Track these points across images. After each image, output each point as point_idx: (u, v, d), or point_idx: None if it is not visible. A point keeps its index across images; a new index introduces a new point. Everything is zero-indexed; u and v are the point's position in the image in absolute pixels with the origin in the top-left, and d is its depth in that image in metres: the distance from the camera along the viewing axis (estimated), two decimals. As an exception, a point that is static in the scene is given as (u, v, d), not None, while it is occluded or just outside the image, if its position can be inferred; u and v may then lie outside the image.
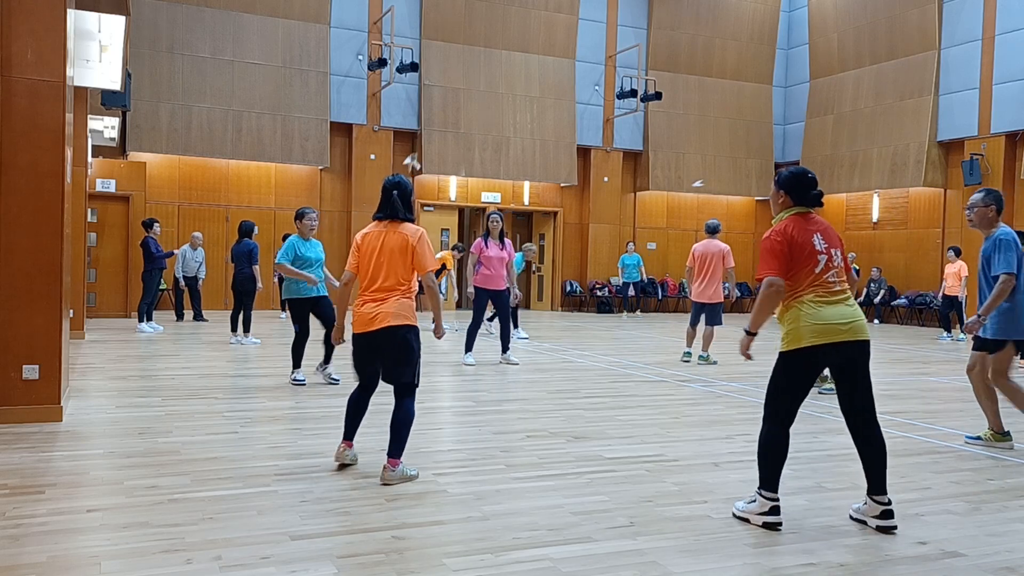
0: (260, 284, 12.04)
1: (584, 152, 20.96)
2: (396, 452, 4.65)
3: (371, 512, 4.09)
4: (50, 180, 5.99)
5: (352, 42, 18.63)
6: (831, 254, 4.07)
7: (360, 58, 18.68)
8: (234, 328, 11.89)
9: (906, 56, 19.35)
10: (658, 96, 20.27)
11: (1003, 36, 17.61)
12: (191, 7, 17.10)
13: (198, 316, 14.98)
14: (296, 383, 8.00)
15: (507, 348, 10.10)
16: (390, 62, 18.09)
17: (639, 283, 19.90)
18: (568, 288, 21.10)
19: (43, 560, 3.38)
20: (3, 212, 5.87)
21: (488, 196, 20.29)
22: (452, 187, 20.00)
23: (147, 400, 7.03)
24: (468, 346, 10.02)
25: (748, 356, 4.20)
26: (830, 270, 4.04)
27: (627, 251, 19.88)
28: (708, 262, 10.58)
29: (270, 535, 3.71)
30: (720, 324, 10.68)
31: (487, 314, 12.73)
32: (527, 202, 20.79)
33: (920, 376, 10.02)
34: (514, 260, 10.40)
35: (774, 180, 4.23)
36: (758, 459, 4.09)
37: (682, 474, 4.99)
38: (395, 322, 4.67)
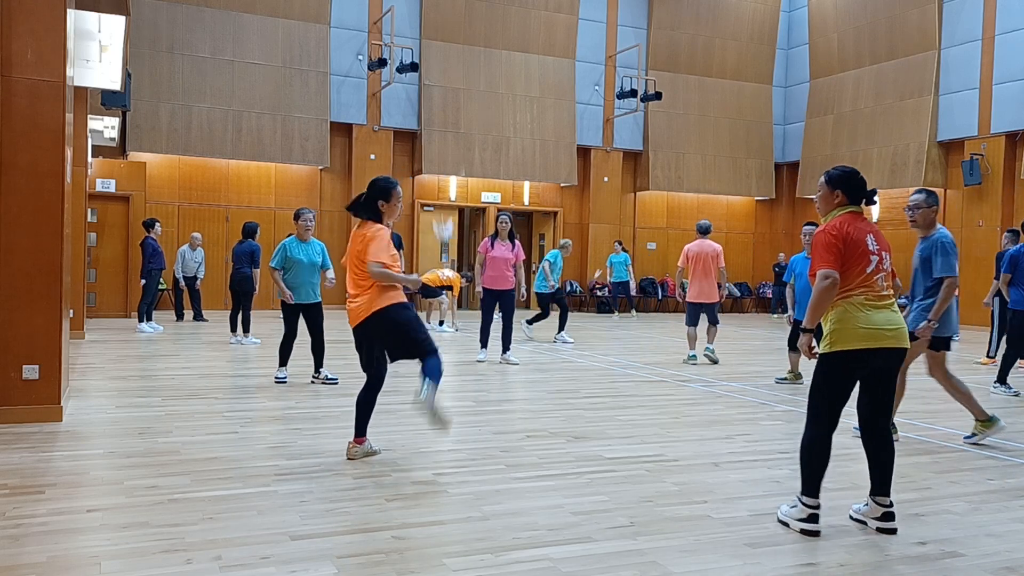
0: (257, 288, 12.02)
1: (584, 152, 20.96)
2: (431, 376, 4.90)
3: (371, 512, 4.09)
4: (50, 180, 5.99)
5: (352, 42, 18.63)
6: (882, 256, 4.02)
7: (360, 58, 18.68)
8: (233, 328, 11.90)
9: (906, 56, 19.34)
10: (658, 96, 20.27)
11: (1003, 36, 17.62)
12: (191, 7, 17.10)
13: (198, 316, 14.98)
14: (278, 381, 8.04)
15: (508, 348, 10.13)
16: (390, 62, 18.09)
17: (627, 283, 19.80)
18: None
19: (43, 560, 3.38)
20: (3, 212, 5.87)
21: (488, 196, 20.29)
22: (452, 187, 20.00)
23: (147, 400, 7.03)
24: (482, 343, 10.24)
25: (813, 355, 4.09)
26: (880, 272, 3.99)
27: (615, 250, 19.79)
28: (702, 262, 10.61)
29: (270, 535, 3.71)
30: (719, 322, 10.84)
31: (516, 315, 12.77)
32: (527, 202, 20.79)
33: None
34: (521, 261, 10.33)
35: (824, 179, 4.14)
36: (800, 464, 4.01)
37: (682, 474, 4.99)
38: (374, 307, 4.95)
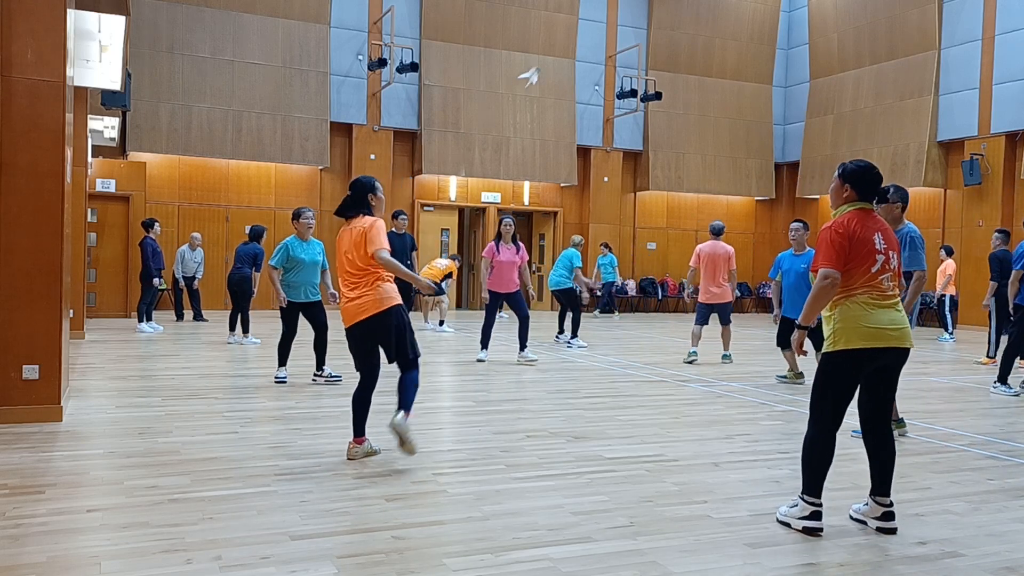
0: (255, 290, 11.99)
1: (584, 152, 20.96)
2: (407, 406, 4.96)
3: (371, 512, 4.09)
4: (50, 180, 5.99)
5: (352, 42, 18.63)
6: (889, 256, 3.96)
7: (360, 58, 18.68)
8: (232, 328, 11.89)
9: (906, 56, 19.34)
10: (658, 96, 20.27)
11: (1003, 36, 17.61)
12: (191, 7, 17.10)
13: (198, 316, 14.98)
14: (278, 381, 8.00)
15: (525, 346, 10.15)
16: (390, 62, 18.09)
17: (613, 284, 19.79)
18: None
19: (43, 560, 3.38)
20: (3, 212, 5.87)
21: (488, 196, 20.29)
22: (452, 187, 19.99)
23: (147, 400, 7.03)
24: (483, 343, 10.19)
25: (803, 352, 4.09)
26: (886, 272, 3.93)
27: (601, 252, 19.73)
28: (714, 263, 10.65)
29: (270, 535, 3.71)
30: (731, 323, 10.90)
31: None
32: (527, 202, 20.78)
33: (920, 376, 10.02)
34: (526, 263, 10.31)
35: (837, 173, 4.09)
36: (802, 463, 3.98)
37: (682, 474, 4.99)
38: (374, 310, 4.95)
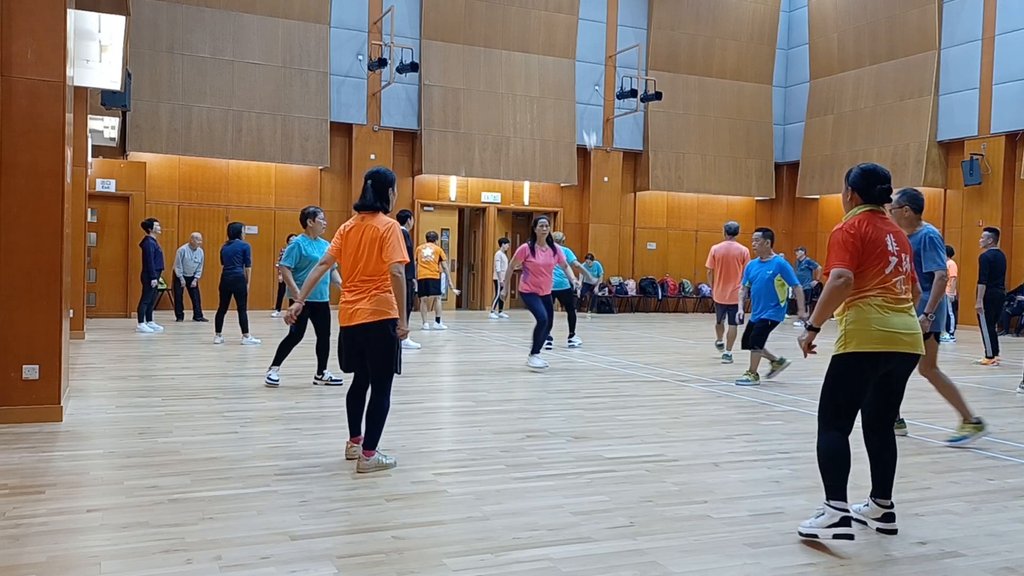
0: (247, 286, 11.95)
1: (584, 152, 20.97)
2: (370, 444, 4.84)
3: (371, 512, 4.09)
4: (50, 180, 5.99)
5: (352, 42, 18.63)
6: (901, 258, 3.91)
7: (360, 58, 18.68)
8: (219, 328, 11.81)
9: (906, 56, 19.35)
10: (658, 96, 20.27)
11: (1003, 36, 17.62)
12: (191, 7, 17.10)
13: (198, 316, 14.97)
14: (270, 383, 7.82)
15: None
16: (390, 62, 18.09)
17: (593, 286, 19.78)
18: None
19: (43, 560, 3.38)
20: (3, 212, 5.87)
21: (488, 196, 20.30)
22: (452, 187, 20.00)
23: (147, 400, 7.03)
24: (536, 348, 9.60)
25: (812, 351, 3.96)
26: (899, 274, 3.89)
27: (586, 262, 19.54)
28: (728, 264, 10.88)
29: (270, 535, 3.71)
30: (740, 323, 10.90)
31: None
32: (527, 202, 20.78)
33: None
34: (565, 262, 10.18)
35: (845, 177, 4.09)
36: (820, 470, 3.84)
37: (682, 474, 4.99)
38: (371, 318, 4.83)
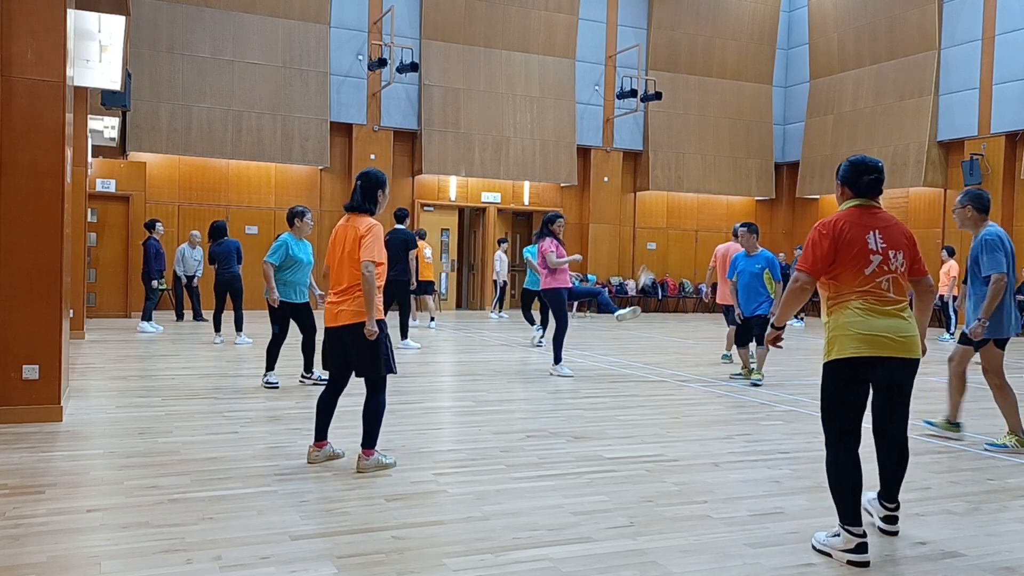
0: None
1: (584, 152, 20.96)
2: (368, 443, 4.86)
3: (371, 512, 4.09)
4: (50, 180, 5.99)
5: (352, 42, 18.63)
6: (888, 256, 3.63)
7: (360, 58, 18.68)
8: (218, 328, 11.80)
9: (906, 56, 19.34)
10: (658, 96, 20.27)
11: (1003, 36, 17.61)
12: (191, 7, 17.10)
13: (198, 316, 14.96)
14: (268, 386, 7.77)
15: (559, 359, 9.23)
16: (390, 62, 18.09)
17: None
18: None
19: (43, 560, 3.38)
20: (3, 212, 5.87)
21: (488, 196, 20.29)
22: (452, 187, 19.99)
23: (147, 400, 7.03)
24: (558, 356, 9.15)
25: (778, 346, 3.98)
26: (885, 274, 3.62)
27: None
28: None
29: (270, 535, 3.71)
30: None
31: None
32: (527, 202, 20.78)
33: (920, 376, 10.00)
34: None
35: (835, 172, 3.91)
36: (830, 490, 3.66)
37: (682, 474, 4.99)
38: (354, 319, 4.81)
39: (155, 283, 13.35)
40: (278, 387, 7.82)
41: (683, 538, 3.82)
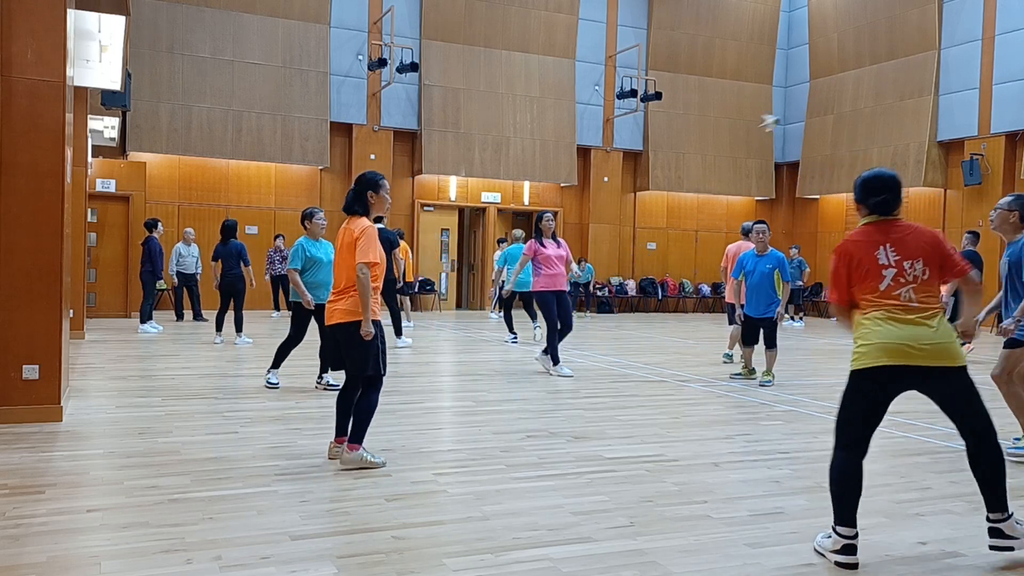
0: (253, 283, 12.02)
1: (584, 152, 20.97)
2: (355, 439, 4.89)
3: (371, 512, 4.09)
4: (50, 180, 5.99)
5: (352, 42, 18.63)
6: (903, 267, 3.63)
7: (360, 58, 18.68)
8: (219, 328, 11.81)
9: (906, 56, 19.35)
10: (658, 96, 20.27)
11: (1003, 36, 17.61)
12: (191, 7, 17.10)
13: (198, 316, 14.95)
14: (270, 386, 7.75)
15: (558, 359, 9.17)
16: (390, 62, 18.09)
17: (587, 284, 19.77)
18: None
19: (43, 560, 3.38)
20: (3, 212, 5.87)
21: (488, 196, 20.30)
22: (452, 187, 20.00)
23: (147, 400, 7.03)
24: (555, 357, 9.10)
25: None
26: (903, 285, 3.61)
27: (580, 267, 19.55)
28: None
29: (270, 535, 3.71)
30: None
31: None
32: (527, 202, 20.78)
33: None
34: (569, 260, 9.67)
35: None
36: (829, 491, 3.68)
37: (682, 474, 4.99)
38: (345, 318, 4.90)
39: (160, 283, 13.34)
40: (278, 387, 7.81)
41: (683, 538, 3.82)
